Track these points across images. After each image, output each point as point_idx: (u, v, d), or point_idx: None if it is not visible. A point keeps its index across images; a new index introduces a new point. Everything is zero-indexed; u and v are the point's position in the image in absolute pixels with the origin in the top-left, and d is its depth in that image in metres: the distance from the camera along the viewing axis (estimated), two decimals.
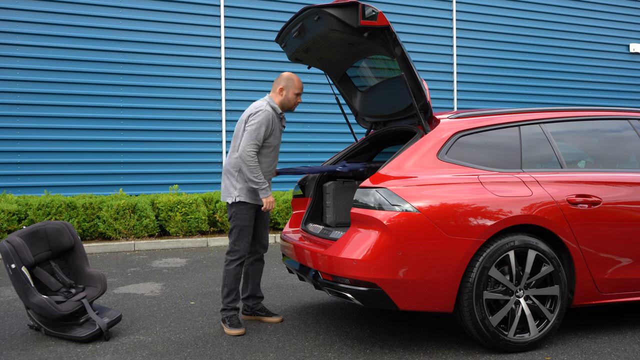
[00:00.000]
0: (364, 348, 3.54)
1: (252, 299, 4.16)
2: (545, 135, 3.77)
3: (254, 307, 4.15)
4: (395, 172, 3.41)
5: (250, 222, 3.91)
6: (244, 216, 3.88)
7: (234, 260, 3.89)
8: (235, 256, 3.89)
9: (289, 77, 3.97)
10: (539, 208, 3.41)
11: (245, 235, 3.90)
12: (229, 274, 3.89)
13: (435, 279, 3.24)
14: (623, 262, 3.63)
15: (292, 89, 3.95)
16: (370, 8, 3.37)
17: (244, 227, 3.89)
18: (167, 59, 9.60)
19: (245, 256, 3.93)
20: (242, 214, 3.88)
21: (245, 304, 4.17)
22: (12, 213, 7.34)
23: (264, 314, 4.14)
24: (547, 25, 12.45)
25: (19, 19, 8.75)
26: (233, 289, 3.90)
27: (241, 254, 3.90)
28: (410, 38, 11.22)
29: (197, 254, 7.24)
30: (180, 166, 9.66)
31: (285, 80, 3.96)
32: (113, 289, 5.25)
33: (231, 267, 3.89)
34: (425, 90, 3.59)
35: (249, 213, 3.90)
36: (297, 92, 3.97)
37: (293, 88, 3.95)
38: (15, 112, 8.72)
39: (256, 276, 4.15)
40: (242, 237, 3.89)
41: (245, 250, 3.91)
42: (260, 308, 4.17)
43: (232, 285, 3.89)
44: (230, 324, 3.86)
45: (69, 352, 3.53)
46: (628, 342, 3.60)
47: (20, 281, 3.69)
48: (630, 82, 13.25)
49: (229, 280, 3.89)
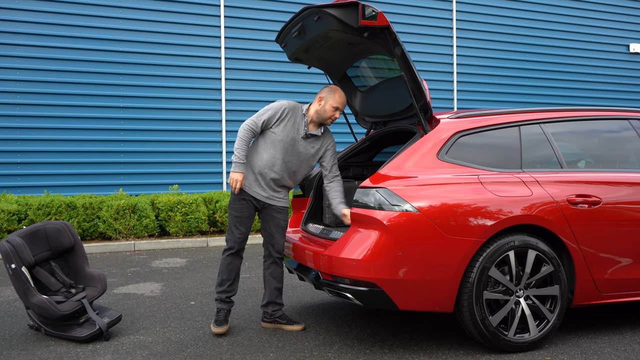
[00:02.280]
0: (364, 348, 3.54)
1: (272, 305, 3.98)
2: (545, 135, 3.77)
3: (273, 314, 3.97)
4: (395, 172, 3.41)
5: (241, 214, 3.87)
6: (236, 206, 3.87)
7: (225, 250, 3.91)
8: (227, 245, 3.91)
9: (332, 89, 3.90)
10: (539, 208, 3.41)
11: (235, 226, 3.87)
12: (222, 263, 3.93)
13: (435, 279, 3.24)
14: (623, 262, 3.63)
15: (330, 101, 3.85)
16: (370, 8, 3.37)
17: (234, 218, 3.87)
18: (167, 59, 9.60)
19: (236, 248, 3.88)
20: (235, 204, 3.88)
21: (265, 310, 4.01)
22: (12, 213, 7.34)
23: (284, 321, 3.96)
24: (547, 25, 12.45)
25: (19, 19, 8.75)
26: (224, 279, 3.88)
27: (230, 244, 3.88)
28: (410, 38, 11.22)
29: (197, 254, 7.24)
30: (180, 166, 9.66)
31: (327, 91, 3.90)
32: (113, 289, 5.25)
33: (223, 256, 3.93)
34: (425, 90, 3.58)
35: (241, 204, 3.87)
36: (335, 105, 3.85)
37: (332, 100, 3.85)
38: (15, 112, 8.73)
39: (273, 281, 3.98)
40: (231, 227, 3.89)
41: (234, 241, 3.87)
42: (280, 315, 3.98)
43: (224, 275, 3.89)
44: (216, 319, 3.85)
45: (69, 352, 3.53)
46: (628, 342, 3.60)
47: (20, 281, 3.69)
48: (630, 82, 13.25)
49: (220, 270, 3.92)
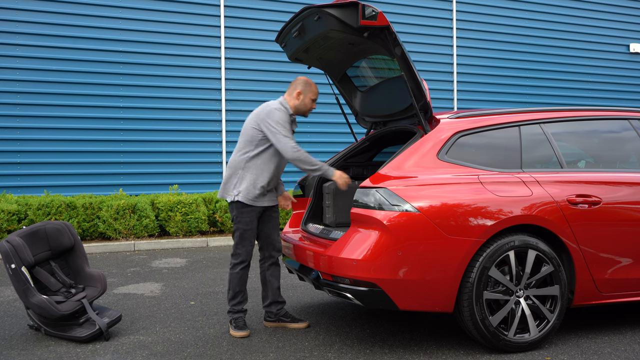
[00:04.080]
0: (364, 348, 3.54)
1: (275, 305, 4.02)
2: (546, 135, 3.77)
3: (277, 313, 4.02)
4: (395, 172, 3.41)
5: (251, 226, 3.85)
6: (245, 219, 3.83)
7: (237, 264, 3.86)
8: (238, 260, 3.86)
9: (307, 82, 3.93)
10: (539, 208, 3.41)
11: (247, 239, 3.85)
12: (233, 277, 3.86)
13: (435, 279, 3.24)
14: (623, 262, 3.63)
15: (309, 94, 3.91)
16: (370, 8, 3.36)
17: (245, 231, 3.84)
18: (167, 59, 9.60)
19: (248, 260, 3.87)
20: (243, 217, 3.83)
21: (268, 310, 4.03)
22: (12, 213, 7.34)
23: (289, 320, 4.00)
24: (547, 25, 12.45)
25: (19, 19, 8.75)
26: (238, 291, 3.87)
27: (243, 257, 3.85)
28: (410, 38, 11.22)
29: (197, 254, 7.24)
30: (180, 166, 9.65)
31: (303, 85, 3.91)
32: (113, 289, 5.25)
33: (235, 270, 3.86)
34: (425, 90, 3.58)
35: (250, 216, 3.84)
36: (313, 97, 3.94)
37: (311, 93, 3.91)
38: (15, 112, 8.72)
39: (275, 281, 4.02)
40: (243, 240, 3.85)
41: (247, 254, 3.86)
42: (284, 314, 4.03)
43: (237, 288, 3.86)
44: (236, 325, 3.84)
45: (69, 352, 3.53)
46: (628, 342, 3.60)
47: (20, 281, 3.69)
48: (630, 82, 13.24)
49: (233, 284, 3.86)
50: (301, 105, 3.91)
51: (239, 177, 3.84)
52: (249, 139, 3.82)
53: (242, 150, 3.85)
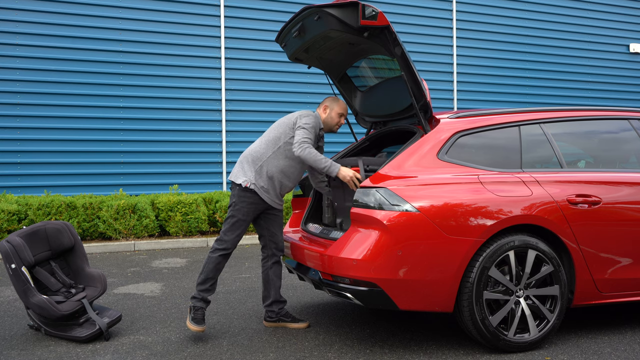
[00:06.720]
0: (364, 348, 3.54)
1: (277, 304, 4.00)
2: (545, 135, 3.77)
3: (279, 313, 4.00)
4: (395, 172, 3.41)
5: (247, 218, 3.80)
6: (243, 209, 3.78)
7: (219, 250, 3.77)
8: (222, 246, 3.77)
9: (334, 98, 4.06)
10: (539, 208, 3.41)
11: (238, 228, 3.79)
12: (210, 261, 3.76)
13: (435, 278, 3.24)
14: (623, 262, 3.63)
15: (336, 108, 3.98)
16: (370, 8, 3.37)
17: (239, 221, 3.78)
18: (167, 59, 9.61)
19: (231, 250, 3.80)
20: (243, 205, 3.77)
21: (270, 310, 4.00)
22: (12, 213, 7.34)
23: (289, 319, 3.99)
24: (547, 25, 12.46)
25: (19, 19, 8.75)
26: (209, 278, 3.75)
27: (228, 245, 3.77)
28: (410, 38, 11.23)
29: (197, 254, 7.24)
30: (180, 166, 9.66)
31: (329, 100, 4.03)
32: (113, 289, 5.25)
33: (214, 255, 3.76)
34: (425, 90, 3.58)
35: (250, 208, 3.80)
36: (340, 112, 4.00)
37: (337, 107, 3.99)
38: (15, 112, 8.73)
39: (277, 280, 4.00)
40: (234, 229, 3.78)
41: (233, 243, 3.79)
42: (285, 313, 4.01)
43: (211, 274, 3.75)
44: (194, 317, 3.69)
45: (69, 352, 3.53)
46: (628, 342, 3.60)
47: (20, 281, 3.69)
48: (630, 82, 13.25)
49: (208, 268, 3.76)
50: (328, 119, 3.98)
51: (257, 167, 3.79)
52: (278, 135, 3.84)
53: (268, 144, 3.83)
